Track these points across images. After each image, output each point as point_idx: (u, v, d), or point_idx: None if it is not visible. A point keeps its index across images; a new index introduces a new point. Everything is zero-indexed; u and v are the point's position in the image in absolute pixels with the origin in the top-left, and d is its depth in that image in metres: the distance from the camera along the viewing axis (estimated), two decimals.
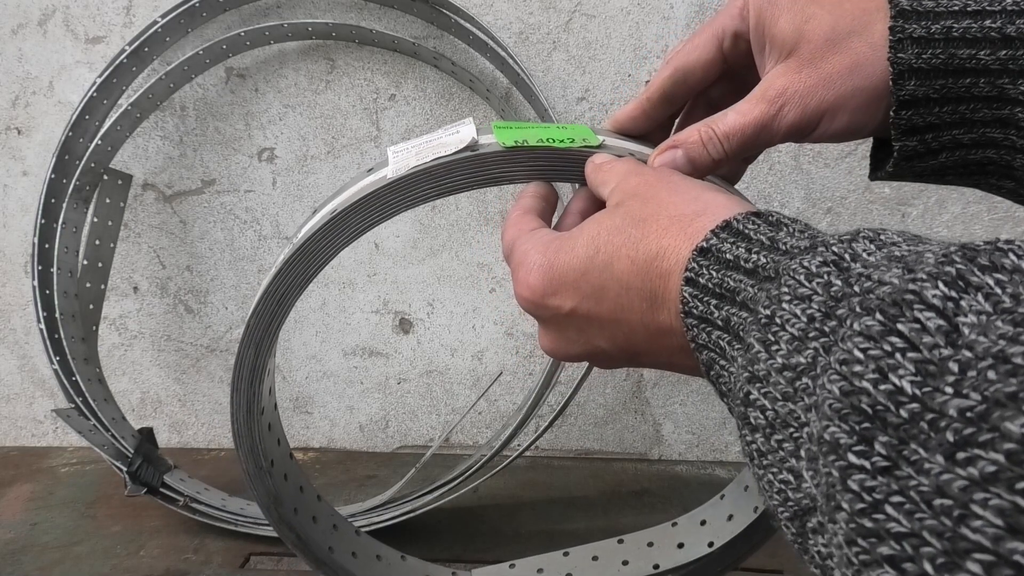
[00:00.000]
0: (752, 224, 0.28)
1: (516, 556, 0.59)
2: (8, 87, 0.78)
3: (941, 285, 0.19)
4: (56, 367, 0.68)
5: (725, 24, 0.38)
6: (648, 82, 0.42)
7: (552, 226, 0.39)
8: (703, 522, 0.57)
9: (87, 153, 0.70)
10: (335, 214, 0.39)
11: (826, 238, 0.25)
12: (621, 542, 0.59)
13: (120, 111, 0.70)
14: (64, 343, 0.69)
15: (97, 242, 0.73)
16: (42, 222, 0.70)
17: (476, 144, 0.39)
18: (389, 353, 0.85)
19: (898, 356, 0.18)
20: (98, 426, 0.69)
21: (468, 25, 0.69)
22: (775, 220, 0.28)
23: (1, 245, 0.84)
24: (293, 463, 0.51)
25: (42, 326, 0.69)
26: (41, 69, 0.78)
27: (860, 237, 0.23)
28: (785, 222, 0.27)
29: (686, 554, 0.57)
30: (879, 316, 0.19)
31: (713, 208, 0.30)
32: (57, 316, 0.69)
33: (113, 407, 0.72)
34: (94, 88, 0.70)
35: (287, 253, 0.41)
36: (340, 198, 0.42)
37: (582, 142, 0.39)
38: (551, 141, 0.39)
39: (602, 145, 0.39)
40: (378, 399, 0.87)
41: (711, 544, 0.56)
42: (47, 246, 0.70)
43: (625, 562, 0.57)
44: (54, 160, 0.70)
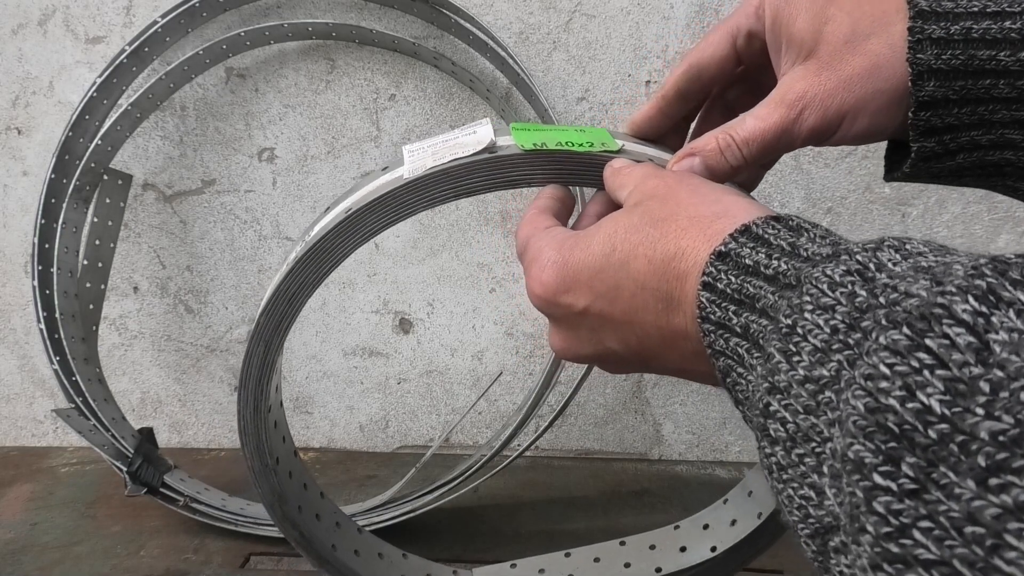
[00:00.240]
0: (772, 228, 0.27)
1: (516, 556, 0.59)
2: (8, 87, 0.78)
3: (971, 299, 0.18)
4: (56, 367, 0.68)
5: (740, 22, 0.37)
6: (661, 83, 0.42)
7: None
8: (706, 526, 0.57)
9: (87, 153, 0.70)
10: (350, 213, 0.39)
11: (849, 246, 0.24)
12: (623, 544, 0.59)
13: (120, 111, 0.70)
14: (64, 343, 0.69)
15: (97, 242, 0.73)
16: (42, 222, 0.70)
17: (494, 146, 0.38)
18: (389, 353, 0.85)
19: (926, 373, 0.18)
20: (98, 426, 0.69)
21: (468, 25, 0.69)
22: (795, 224, 0.27)
23: (1, 245, 0.84)
24: (297, 460, 0.51)
25: (42, 326, 0.69)
26: (41, 69, 0.78)
27: (885, 246, 0.23)
28: (806, 227, 0.27)
29: (689, 558, 0.56)
30: (906, 330, 0.19)
31: (734, 211, 0.30)
32: (57, 316, 0.69)
33: (113, 407, 0.72)
34: (94, 88, 0.70)
35: (300, 251, 0.40)
36: (354, 197, 0.41)
37: (601, 146, 0.39)
38: (570, 144, 0.38)
39: (622, 150, 0.39)
40: (378, 399, 0.87)
41: (714, 548, 0.56)
42: (47, 246, 0.70)
43: (627, 564, 0.57)
44: (54, 160, 0.70)
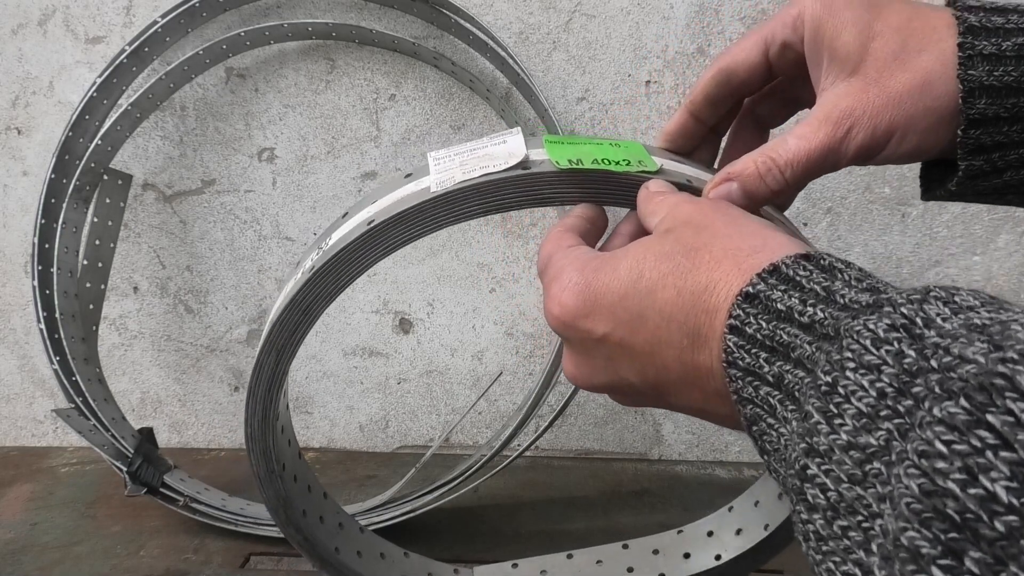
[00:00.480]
0: (803, 270, 0.26)
1: (516, 556, 0.59)
2: (8, 87, 0.78)
3: None
4: (56, 367, 0.68)
5: (775, 31, 0.36)
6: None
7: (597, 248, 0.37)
8: (710, 533, 0.57)
9: (87, 153, 0.70)
10: (373, 225, 0.37)
11: (891, 294, 0.22)
12: (626, 547, 0.58)
13: (120, 111, 0.70)
14: (64, 343, 0.69)
15: (97, 242, 0.73)
16: (42, 222, 0.70)
17: (528, 161, 0.36)
18: (389, 353, 0.85)
19: (989, 455, 0.16)
20: (98, 426, 0.69)
21: (468, 25, 0.69)
22: (828, 264, 0.26)
23: (1, 245, 0.84)
24: (302, 462, 0.50)
25: (42, 326, 0.69)
26: (41, 69, 0.78)
27: (931, 297, 0.21)
28: (839, 267, 0.25)
29: (692, 565, 0.56)
30: (964, 403, 0.17)
31: (772, 245, 0.28)
32: (57, 316, 0.69)
33: (113, 407, 0.72)
34: (94, 88, 0.70)
35: (318, 261, 0.39)
36: (376, 206, 0.39)
37: (638, 164, 0.37)
38: (607, 163, 0.37)
39: (660, 170, 0.37)
40: (378, 399, 0.87)
41: (718, 557, 0.55)
42: (47, 246, 0.70)
43: (631, 569, 0.57)
44: (54, 160, 0.70)
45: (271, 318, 0.41)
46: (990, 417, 0.16)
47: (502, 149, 0.37)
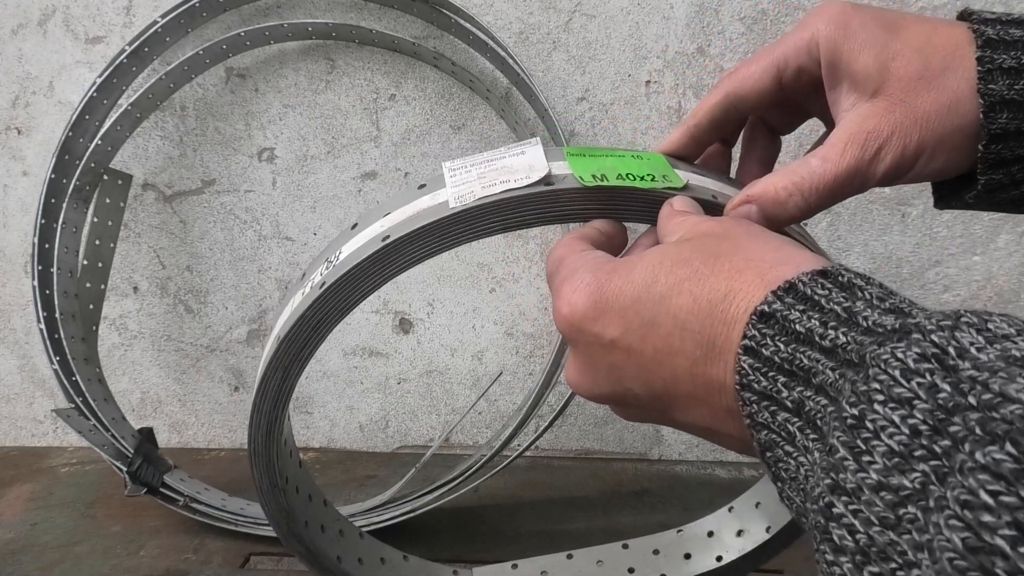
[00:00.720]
0: (821, 288, 0.24)
1: (516, 556, 0.59)
2: (8, 87, 0.78)
3: None
4: (56, 367, 0.68)
5: (788, 56, 0.35)
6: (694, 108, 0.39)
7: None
8: (710, 533, 0.57)
9: (87, 153, 0.70)
10: (388, 241, 0.35)
11: (919, 319, 0.21)
12: (626, 547, 0.58)
13: (120, 111, 0.70)
14: (64, 343, 0.69)
15: (97, 242, 0.73)
16: (42, 222, 0.70)
17: (550, 176, 0.35)
18: (389, 353, 0.85)
19: None
20: (98, 426, 0.69)
21: (468, 25, 0.69)
22: (847, 282, 0.24)
23: (1, 245, 0.84)
24: (303, 472, 0.50)
25: (42, 326, 0.69)
26: (41, 69, 0.78)
27: (963, 324, 0.20)
28: (858, 284, 0.24)
29: (693, 566, 0.56)
30: (1010, 448, 0.16)
31: (797, 260, 0.26)
32: (57, 316, 0.69)
33: (113, 407, 0.72)
34: (94, 88, 0.70)
35: (329, 277, 0.37)
36: (391, 219, 0.37)
37: (663, 180, 0.36)
38: (631, 179, 0.35)
39: (687, 186, 0.36)
40: (378, 399, 0.87)
41: (719, 558, 0.55)
42: (47, 246, 0.70)
43: (631, 569, 0.57)
44: (54, 160, 0.70)
45: (277, 333, 0.39)
46: None
47: (521, 161, 0.36)
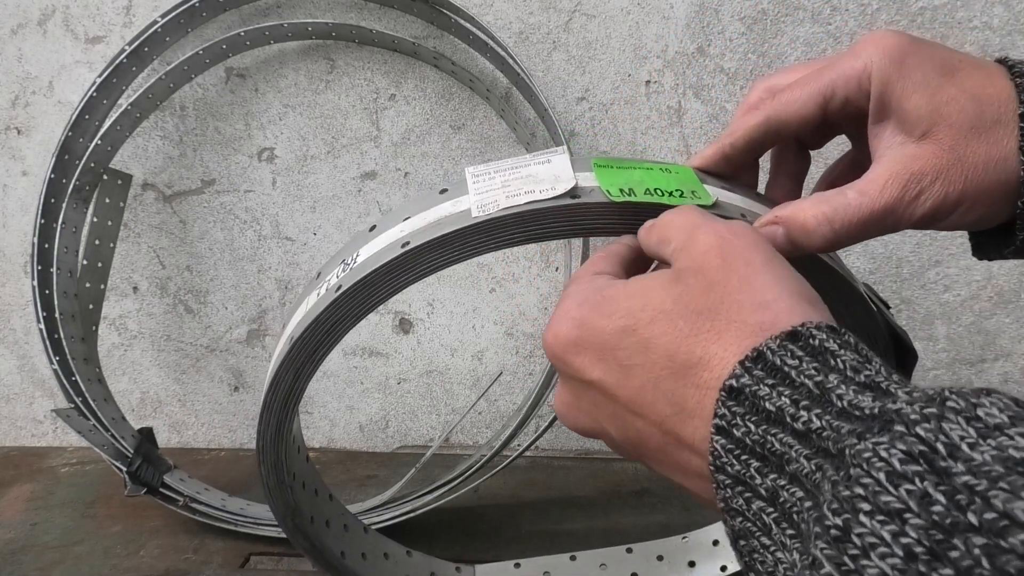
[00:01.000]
0: (791, 358, 0.23)
1: (516, 556, 0.59)
2: (8, 87, 0.78)
3: None
4: (56, 367, 0.68)
5: (836, 86, 0.34)
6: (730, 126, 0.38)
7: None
8: (715, 542, 0.56)
9: (87, 153, 0.70)
10: (408, 248, 0.35)
11: (900, 403, 0.19)
12: (630, 551, 0.58)
13: (120, 111, 0.70)
14: (64, 343, 0.69)
15: (97, 242, 0.73)
16: (42, 222, 0.70)
17: (577, 189, 0.34)
18: (389, 353, 0.84)
19: None
20: (98, 426, 0.69)
21: (468, 25, 0.69)
22: (818, 346, 0.23)
23: (1, 245, 0.84)
24: (309, 466, 0.50)
25: (42, 326, 0.68)
26: (41, 69, 0.78)
27: (949, 411, 0.18)
28: (831, 348, 0.23)
29: (697, 575, 0.56)
30: None
31: (784, 319, 0.25)
32: (57, 316, 0.69)
33: (113, 407, 0.72)
34: (94, 88, 0.70)
35: (346, 280, 0.36)
36: (411, 224, 0.37)
37: (692, 196, 0.35)
38: (660, 194, 0.34)
39: (716, 203, 0.35)
40: (378, 399, 0.87)
41: (724, 568, 0.55)
42: (47, 246, 0.70)
43: (634, 574, 0.57)
44: (54, 160, 0.70)
45: (291, 333, 0.39)
46: None
47: (547, 170, 0.35)
